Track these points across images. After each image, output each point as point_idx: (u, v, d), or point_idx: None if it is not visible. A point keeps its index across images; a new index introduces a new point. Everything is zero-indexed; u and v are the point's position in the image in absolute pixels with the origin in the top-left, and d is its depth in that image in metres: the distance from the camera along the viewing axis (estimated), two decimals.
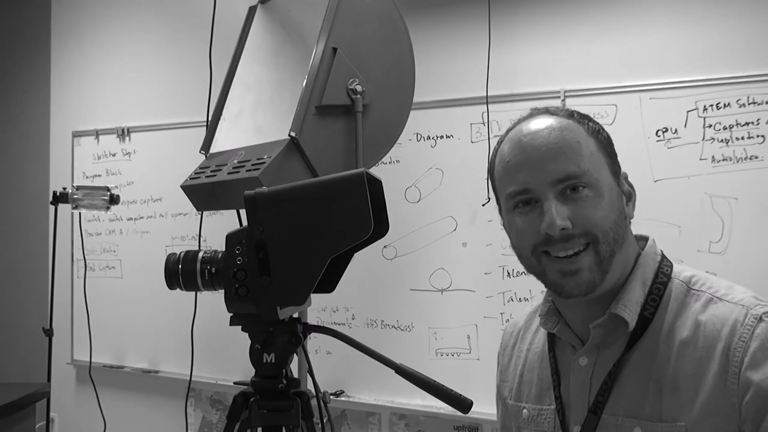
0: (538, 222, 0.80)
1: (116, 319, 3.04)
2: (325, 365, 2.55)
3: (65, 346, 3.17)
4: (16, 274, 3.47)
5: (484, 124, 2.36)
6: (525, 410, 0.92)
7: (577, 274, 0.79)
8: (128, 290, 3.06)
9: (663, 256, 0.88)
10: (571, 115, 0.86)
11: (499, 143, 0.91)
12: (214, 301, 1.19)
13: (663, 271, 0.85)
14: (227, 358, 2.66)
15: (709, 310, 0.79)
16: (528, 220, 0.83)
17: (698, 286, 0.83)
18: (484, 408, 1.62)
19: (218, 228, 1.36)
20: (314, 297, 1.04)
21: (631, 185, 0.88)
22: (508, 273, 2.32)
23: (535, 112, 0.89)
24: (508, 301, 2.32)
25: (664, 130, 2.15)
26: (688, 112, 2.13)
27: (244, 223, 0.94)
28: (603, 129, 0.87)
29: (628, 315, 0.81)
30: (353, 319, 2.59)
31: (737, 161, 2.07)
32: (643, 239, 0.89)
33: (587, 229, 0.79)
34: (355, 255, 1.02)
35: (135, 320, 3.03)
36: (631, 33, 2.25)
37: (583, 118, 0.86)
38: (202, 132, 1.78)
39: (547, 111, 0.87)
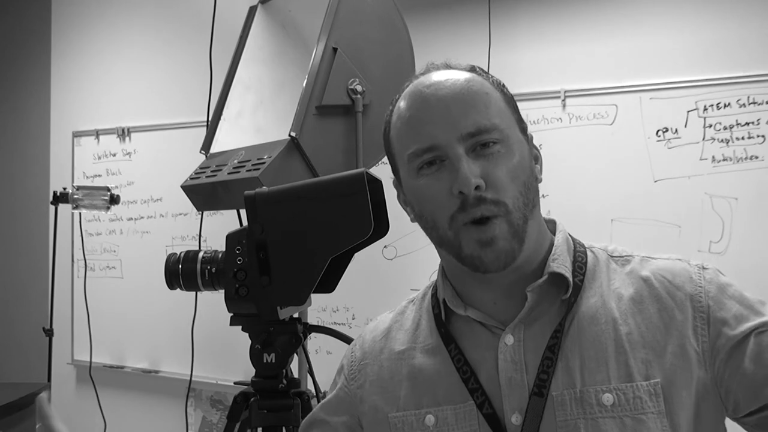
0: (449, 183, 0.72)
1: (116, 319, 3.04)
2: (325, 365, 2.53)
3: (65, 346, 3.16)
4: (16, 274, 3.47)
5: None
6: (430, 416, 0.78)
7: (494, 244, 0.72)
8: (128, 290, 3.06)
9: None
10: (473, 69, 0.80)
11: (394, 103, 0.81)
12: (214, 301, 1.19)
13: (578, 242, 0.82)
14: (227, 358, 2.66)
15: (649, 266, 0.77)
16: (437, 182, 0.74)
17: (618, 252, 0.80)
18: None
19: (218, 228, 1.35)
20: (314, 297, 1.04)
21: (536, 147, 0.82)
22: None
23: (432, 67, 0.81)
24: None
25: (664, 130, 2.15)
26: (688, 112, 2.13)
27: (244, 223, 0.94)
28: (505, 85, 0.81)
29: (568, 274, 0.76)
30: (353, 319, 2.58)
31: (737, 161, 2.07)
32: (550, 222, 0.84)
33: (498, 197, 0.72)
34: (355, 255, 1.02)
35: (135, 320, 3.03)
36: (631, 33, 2.25)
37: (485, 73, 0.80)
38: (202, 132, 1.78)
39: (447, 65, 0.80)
